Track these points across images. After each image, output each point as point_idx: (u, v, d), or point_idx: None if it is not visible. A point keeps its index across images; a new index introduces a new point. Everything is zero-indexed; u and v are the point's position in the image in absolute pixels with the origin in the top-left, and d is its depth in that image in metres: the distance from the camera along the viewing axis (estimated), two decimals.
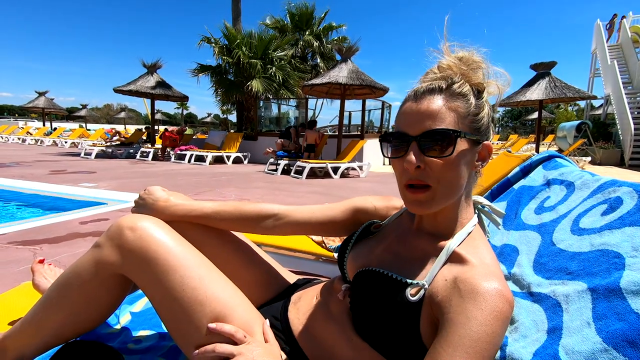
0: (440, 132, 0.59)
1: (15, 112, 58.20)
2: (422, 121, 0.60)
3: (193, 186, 5.41)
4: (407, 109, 0.63)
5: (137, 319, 1.10)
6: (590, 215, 0.76)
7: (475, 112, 0.62)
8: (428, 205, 0.61)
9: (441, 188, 0.60)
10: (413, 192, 0.61)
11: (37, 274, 1.09)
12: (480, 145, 0.64)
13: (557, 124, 19.68)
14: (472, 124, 0.62)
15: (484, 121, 0.63)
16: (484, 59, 0.65)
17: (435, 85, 0.62)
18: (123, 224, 0.76)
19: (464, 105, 0.61)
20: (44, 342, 0.78)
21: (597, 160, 11.81)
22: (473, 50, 0.65)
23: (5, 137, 17.78)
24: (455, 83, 0.63)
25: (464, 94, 0.62)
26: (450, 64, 0.64)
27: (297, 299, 0.84)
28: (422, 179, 0.60)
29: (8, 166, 7.15)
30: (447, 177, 0.60)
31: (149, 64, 11.17)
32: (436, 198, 0.61)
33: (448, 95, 0.61)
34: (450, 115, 0.60)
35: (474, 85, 0.64)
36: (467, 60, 0.64)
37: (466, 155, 0.61)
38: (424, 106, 0.61)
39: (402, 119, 0.64)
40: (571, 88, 8.46)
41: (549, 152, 1.13)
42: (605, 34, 15.25)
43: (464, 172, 0.62)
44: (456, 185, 0.62)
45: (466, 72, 0.64)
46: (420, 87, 0.64)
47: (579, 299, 0.60)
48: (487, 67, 0.65)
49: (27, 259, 2.18)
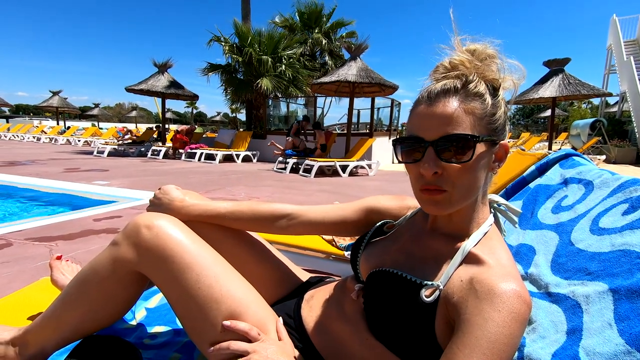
0: (458, 137, 0.57)
1: (30, 111, 59.47)
2: (438, 125, 0.58)
3: (203, 184, 5.46)
4: (421, 111, 0.60)
5: (152, 314, 1.12)
6: (611, 215, 0.74)
7: (492, 113, 0.60)
8: (444, 207, 0.60)
9: (457, 192, 0.59)
10: (429, 194, 0.60)
11: (55, 270, 1.12)
12: (497, 145, 0.62)
13: (570, 121, 19.31)
14: (489, 125, 0.60)
15: (500, 121, 0.61)
16: (497, 51, 0.62)
17: (450, 86, 0.59)
18: (140, 222, 0.77)
19: (481, 106, 0.59)
20: (63, 337, 0.80)
21: (612, 158, 11.55)
22: (485, 43, 0.62)
23: (21, 136, 18.20)
24: (471, 82, 0.60)
25: (480, 93, 0.59)
26: (462, 60, 0.61)
27: (310, 297, 0.84)
28: (439, 185, 0.58)
29: (24, 164, 7.32)
30: (464, 181, 0.59)
31: (160, 63, 11.31)
32: (452, 201, 0.59)
33: (464, 97, 0.59)
34: (467, 118, 0.58)
35: (489, 82, 0.62)
36: (480, 54, 0.61)
37: (484, 157, 0.59)
38: (439, 109, 0.58)
39: (417, 122, 0.61)
40: (585, 85, 8.28)
41: (566, 151, 1.10)
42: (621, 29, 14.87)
43: (482, 175, 0.61)
44: (473, 189, 0.61)
45: (480, 68, 0.61)
46: (434, 87, 0.61)
47: (599, 299, 0.59)
48: (501, 61, 0.62)
49: (43, 255, 2.23)
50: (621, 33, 14.69)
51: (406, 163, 0.62)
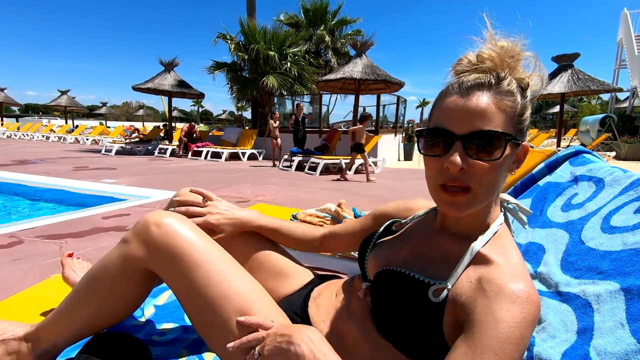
0: (492, 134, 0.54)
1: (39, 111, 60.30)
2: (470, 119, 0.55)
3: (210, 182, 5.49)
4: (452, 103, 0.57)
5: (160, 311, 1.13)
6: (622, 213, 0.73)
7: (521, 112, 0.58)
8: (466, 208, 0.58)
9: (482, 191, 0.57)
10: (451, 194, 0.57)
11: (67, 267, 1.13)
12: (520, 146, 0.60)
13: (579, 117, 19.04)
14: (517, 125, 0.58)
15: (527, 122, 0.60)
16: (524, 49, 0.59)
17: (484, 80, 0.57)
18: (149, 220, 0.78)
19: (512, 105, 0.57)
20: (75, 333, 0.81)
21: (622, 155, 11.37)
22: (516, 39, 0.59)
23: (30, 135, 18.45)
24: (505, 79, 0.57)
25: (512, 91, 0.57)
26: (492, 55, 0.58)
27: (317, 295, 0.85)
28: (464, 181, 0.56)
29: (34, 163, 7.42)
30: (489, 180, 0.57)
31: (166, 62, 11.39)
32: (475, 201, 0.58)
33: (497, 93, 0.56)
34: (500, 115, 0.55)
35: (518, 80, 0.60)
36: (510, 51, 0.59)
37: (509, 158, 0.58)
38: (472, 103, 0.55)
39: (446, 114, 0.58)
40: (595, 80, 8.16)
41: (576, 148, 1.09)
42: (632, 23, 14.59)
43: (504, 176, 0.59)
44: (495, 189, 0.59)
45: (510, 65, 0.59)
46: (466, 79, 0.58)
47: (611, 299, 0.58)
48: (531, 59, 0.60)
49: (54, 252, 2.27)
50: (632, 27, 14.41)
51: (428, 156, 0.60)
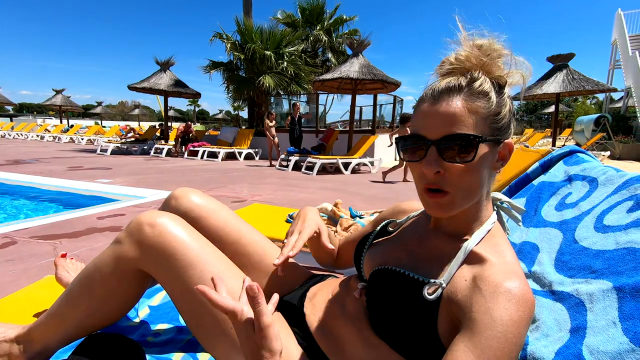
0: (461, 137, 0.56)
1: (33, 110, 59.82)
2: (441, 125, 0.57)
3: (206, 182, 5.48)
4: (424, 110, 0.60)
5: (155, 312, 1.12)
6: (616, 212, 0.73)
7: (496, 111, 0.59)
8: (448, 209, 0.60)
9: (460, 193, 0.59)
10: (432, 196, 0.59)
11: (60, 268, 1.12)
12: (501, 144, 0.61)
13: (574, 117, 19.17)
14: (493, 124, 0.59)
15: (505, 120, 0.60)
16: (504, 46, 0.60)
17: (454, 84, 0.58)
18: (142, 220, 0.77)
19: (485, 105, 0.58)
20: (67, 334, 0.80)
21: (616, 154, 11.47)
22: (493, 38, 0.61)
23: (25, 135, 18.30)
24: (476, 80, 0.59)
25: (485, 92, 0.58)
26: (469, 55, 0.60)
27: (313, 295, 0.85)
28: (440, 185, 0.58)
29: (28, 162, 7.36)
30: (466, 181, 0.58)
31: (162, 61, 11.33)
32: (456, 202, 0.59)
33: (468, 95, 0.58)
34: (471, 117, 0.57)
35: (495, 79, 0.61)
36: (487, 50, 0.60)
37: (487, 157, 0.59)
38: (442, 108, 0.57)
39: (420, 120, 0.60)
40: (590, 80, 8.21)
41: (570, 147, 1.09)
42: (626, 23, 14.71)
43: (485, 175, 0.60)
44: (476, 189, 0.60)
45: (487, 64, 0.60)
46: (438, 85, 0.60)
47: (604, 298, 0.58)
48: (509, 56, 0.61)
49: (48, 253, 2.25)
50: (626, 27, 14.53)
51: (409, 162, 0.62)
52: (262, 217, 2.04)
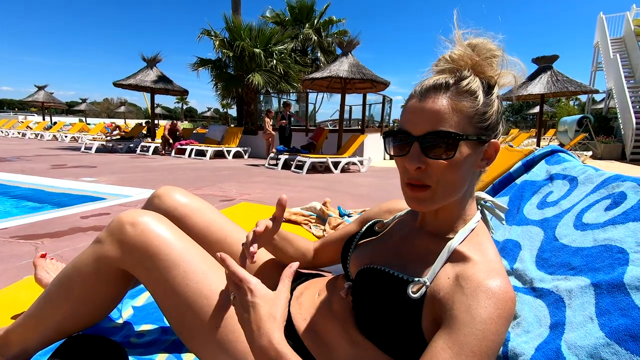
0: (442, 134, 0.57)
1: (15, 106, 58.13)
2: (425, 121, 0.58)
3: (193, 181, 5.41)
4: (411, 106, 0.61)
5: (139, 313, 1.10)
6: (594, 211, 0.75)
7: (482, 111, 0.59)
8: (427, 204, 0.61)
9: (440, 189, 0.60)
10: (412, 190, 0.61)
11: (39, 269, 1.09)
12: (487, 144, 0.61)
13: (558, 118, 19.60)
14: (478, 123, 0.59)
15: (491, 120, 0.61)
16: (498, 47, 0.61)
17: (441, 82, 0.59)
18: (124, 219, 0.76)
19: (471, 104, 0.59)
20: (46, 336, 0.78)
21: (598, 154, 11.78)
22: (487, 38, 0.61)
23: (5, 132, 17.76)
24: (464, 79, 0.59)
25: (472, 91, 0.59)
26: (462, 55, 0.61)
27: (299, 294, 0.84)
28: (422, 180, 0.59)
29: (9, 160, 7.15)
30: (447, 178, 0.59)
31: (149, 58, 11.12)
32: (435, 198, 0.60)
33: (454, 94, 0.58)
34: (455, 115, 0.57)
35: (485, 78, 0.61)
36: (480, 49, 0.60)
37: (470, 156, 0.59)
38: (428, 105, 0.58)
39: (406, 116, 0.61)
40: (573, 82, 8.40)
41: (552, 147, 1.12)
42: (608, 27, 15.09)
43: (467, 173, 0.61)
44: (457, 186, 0.61)
45: (478, 64, 0.60)
46: (426, 83, 0.61)
47: (582, 294, 0.60)
48: (502, 56, 0.61)
49: (29, 253, 2.18)
50: (608, 31, 14.91)
51: (394, 156, 0.64)
52: (251, 216, 2.03)
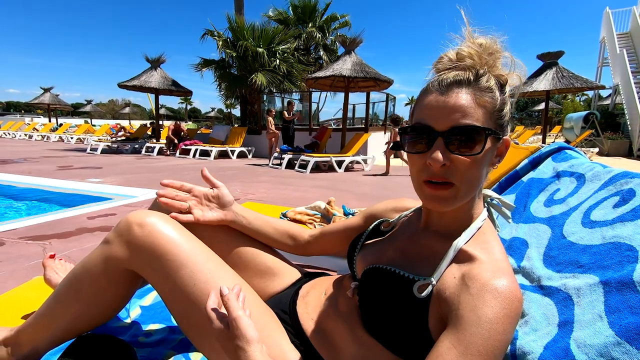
0: (471, 128, 0.56)
1: (21, 109, 58.71)
2: (450, 115, 0.56)
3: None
4: (433, 101, 0.58)
5: (147, 312, 1.11)
6: (602, 208, 0.75)
7: (500, 108, 0.59)
8: (449, 203, 0.59)
9: (465, 186, 0.58)
10: (434, 188, 0.58)
11: (49, 269, 1.11)
12: (501, 140, 0.61)
13: (564, 114, 19.41)
14: (497, 120, 0.59)
15: (507, 117, 0.61)
16: (504, 47, 0.61)
17: (462, 77, 0.58)
18: (131, 220, 0.76)
19: (491, 100, 0.58)
20: (56, 336, 0.79)
21: (604, 151, 11.66)
22: (494, 37, 0.61)
23: (13, 134, 17.96)
24: (483, 76, 0.59)
25: (491, 88, 0.59)
26: (472, 52, 0.59)
27: (306, 294, 0.85)
28: (446, 177, 0.57)
29: (16, 162, 7.23)
30: (471, 175, 0.58)
31: (153, 59, 11.19)
32: (458, 196, 0.59)
33: (477, 89, 0.58)
34: (479, 111, 0.57)
35: (497, 77, 0.61)
36: (488, 48, 0.60)
37: (490, 152, 0.59)
38: (452, 99, 0.57)
39: (426, 111, 0.59)
40: (579, 78, 8.33)
41: (559, 144, 1.11)
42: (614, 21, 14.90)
43: (485, 170, 0.60)
44: (477, 183, 0.60)
45: (488, 62, 0.60)
46: (445, 77, 0.59)
47: (590, 292, 0.59)
48: (509, 57, 0.61)
49: (37, 254, 2.21)
50: (614, 26, 14.74)
51: (411, 153, 0.61)
52: None
